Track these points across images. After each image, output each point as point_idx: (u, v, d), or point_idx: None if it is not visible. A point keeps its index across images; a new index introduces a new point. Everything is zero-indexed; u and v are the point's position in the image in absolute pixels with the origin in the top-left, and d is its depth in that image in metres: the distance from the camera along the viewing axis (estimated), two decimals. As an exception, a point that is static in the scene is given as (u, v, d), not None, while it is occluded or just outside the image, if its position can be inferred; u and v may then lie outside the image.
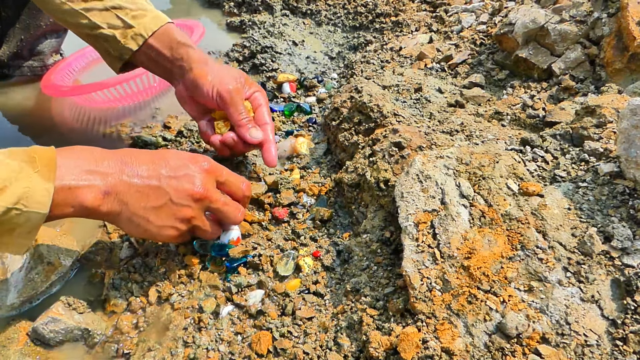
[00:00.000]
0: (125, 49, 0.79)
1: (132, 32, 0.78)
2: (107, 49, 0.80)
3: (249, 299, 0.64)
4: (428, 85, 0.90)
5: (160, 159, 0.62)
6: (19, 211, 0.50)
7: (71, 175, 0.54)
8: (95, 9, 0.77)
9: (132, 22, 0.77)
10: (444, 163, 0.61)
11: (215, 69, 0.79)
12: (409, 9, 1.30)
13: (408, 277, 0.52)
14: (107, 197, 0.57)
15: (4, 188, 0.49)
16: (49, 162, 0.53)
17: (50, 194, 0.52)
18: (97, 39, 0.80)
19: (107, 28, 0.78)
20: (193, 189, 0.62)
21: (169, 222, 0.62)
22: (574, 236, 0.52)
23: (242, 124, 0.78)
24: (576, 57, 0.79)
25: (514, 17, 0.89)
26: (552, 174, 0.61)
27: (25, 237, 0.53)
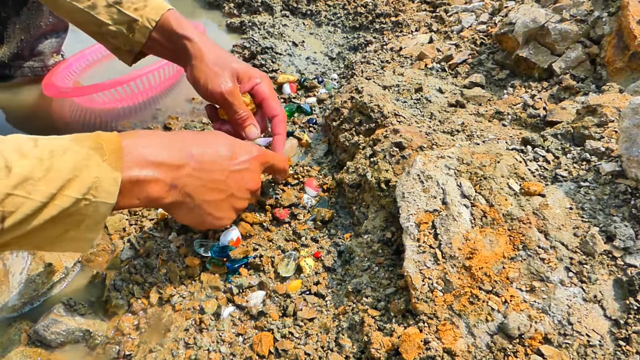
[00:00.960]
0: (135, 42, 0.80)
1: (138, 26, 0.78)
2: (117, 45, 0.81)
3: (250, 300, 0.64)
4: (428, 85, 0.90)
5: (223, 149, 0.63)
6: (88, 201, 0.48)
7: (138, 166, 0.53)
8: (100, 6, 0.77)
9: (135, 15, 0.77)
10: (445, 163, 0.61)
11: (210, 65, 0.77)
12: (409, 9, 1.30)
13: (409, 277, 0.52)
14: (172, 189, 0.57)
15: (74, 178, 0.47)
16: (116, 150, 0.51)
17: (118, 183, 0.50)
18: (105, 37, 0.80)
19: (114, 24, 0.78)
20: (252, 184, 0.66)
21: (227, 213, 0.65)
22: (575, 236, 0.52)
23: (238, 122, 0.78)
24: (577, 57, 0.79)
25: (514, 16, 0.88)
26: (554, 174, 0.61)
27: (92, 229, 0.51)
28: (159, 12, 0.78)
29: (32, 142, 0.48)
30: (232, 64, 0.78)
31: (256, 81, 0.80)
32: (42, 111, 1.13)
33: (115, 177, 0.50)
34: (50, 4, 0.80)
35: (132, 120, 1.07)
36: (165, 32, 0.79)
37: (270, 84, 0.82)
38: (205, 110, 0.85)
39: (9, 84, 1.19)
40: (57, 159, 0.47)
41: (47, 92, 1.05)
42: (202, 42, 0.78)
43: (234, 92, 0.77)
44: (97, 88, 1.00)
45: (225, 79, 0.76)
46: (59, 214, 0.47)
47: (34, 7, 1.10)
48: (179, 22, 0.79)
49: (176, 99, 1.15)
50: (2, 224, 0.44)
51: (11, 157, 0.45)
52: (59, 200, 0.47)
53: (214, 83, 0.76)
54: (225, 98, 0.76)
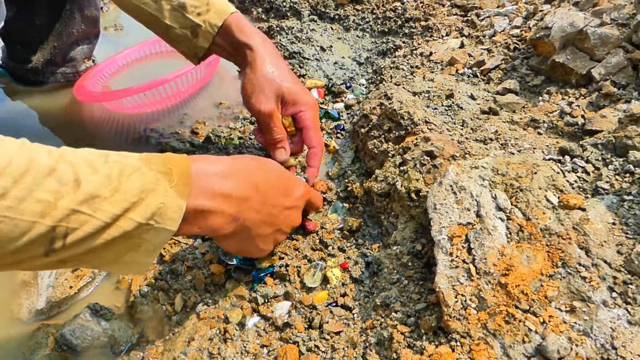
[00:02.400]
0: (199, 48, 0.81)
1: (201, 31, 0.79)
2: (183, 48, 0.82)
3: (275, 311, 0.63)
4: (460, 91, 0.88)
5: (280, 183, 0.63)
6: (150, 227, 0.47)
7: (205, 196, 0.52)
8: (165, 10, 0.78)
9: (197, 20, 0.78)
10: (479, 174, 0.58)
11: (260, 79, 0.76)
12: (439, 13, 1.27)
13: (441, 293, 0.50)
14: (234, 222, 0.56)
15: (140, 201, 0.46)
16: (184, 176, 0.50)
17: (182, 211, 0.49)
18: (173, 40, 0.82)
19: (179, 28, 0.79)
20: (297, 221, 0.67)
21: (269, 246, 0.65)
22: (619, 253, 0.49)
23: (269, 143, 0.79)
24: (618, 62, 0.76)
25: (550, 20, 0.85)
26: (594, 186, 0.58)
27: (150, 254, 0.49)
28: (221, 17, 0.78)
29: (102, 157, 0.47)
30: (283, 83, 0.77)
31: (301, 108, 0.79)
32: (74, 115, 1.14)
33: (181, 205, 0.49)
34: (126, 6, 0.82)
35: (160, 125, 1.08)
36: (227, 38, 0.79)
37: (316, 113, 0.81)
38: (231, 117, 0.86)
39: (42, 89, 1.21)
40: (125, 179, 0.46)
41: (78, 97, 1.06)
42: (261, 52, 0.78)
43: (272, 114, 0.76)
44: (126, 92, 1.00)
45: (268, 98, 0.76)
46: (120, 236, 0.46)
47: (67, 15, 1.12)
48: (240, 28, 0.79)
49: (204, 103, 1.15)
50: (64, 239, 0.43)
51: (82, 171, 0.44)
52: (122, 223, 0.45)
53: (258, 99, 0.76)
54: (263, 117, 0.76)
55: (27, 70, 1.17)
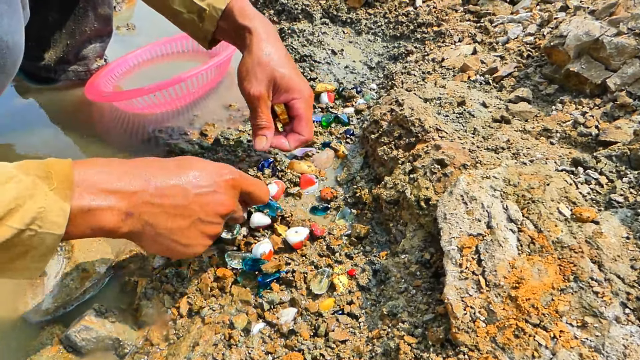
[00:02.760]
0: (206, 31, 0.82)
1: (206, 15, 0.80)
2: (191, 32, 0.85)
3: (280, 317, 0.62)
4: (472, 98, 0.87)
5: (186, 173, 0.58)
6: (33, 232, 0.46)
7: (90, 195, 0.50)
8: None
9: (202, 4, 0.79)
10: (490, 184, 0.58)
11: (254, 62, 0.76)
12: (452, 19, 1.26)
13: (450, 305, 0.49)
14: (129, 218, 0.53)
15: (17, 208, 0.45)
16: (66, 179, 0.49)
17: (66, 214, 0.47)
18: (182, 24, 0.84)
19: (187, 12, 0.81)
20: (222, 208, 0.60)
21: (195, 240, 0.59)
22: (633, 268, 0.48)
23: (254, 128, 0.80)
24: (634, 72, 0.74)
25: (565, 28, 0.84)
26: (608, 199, 0.57)
27: (39, 260, 0.48)
28: (225, 1, 0.79)
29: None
30: (278, 68, 0.77)
31: (293, 96, 0.79)
32: (84, 114, 1.15)
33: (63, 207, 0.47)
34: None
35: (169, 126, 1.08)
36: (230, 21, 0.80)
37: (309, 103, 0.81)
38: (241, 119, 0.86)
39: (54, 87, 1.22)
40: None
41: (89, 96, 1.07)
42: (259, 35, 0.78)
43: (260, 98, 0.77)
44: (136, 93, 1.00)
45: (259, 81, 0.76)
46: (3, 244, 0.45)
47: (79, 13, 1.12)
48: (242, 11, 0.79)
49: (214, 105, 1.15)
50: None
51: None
52: (2, 230, 0.44)
53: (250, 81, 0.76)
54: (251, 100, 0.77)
55: (39, 67, 1.18)
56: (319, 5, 1.51)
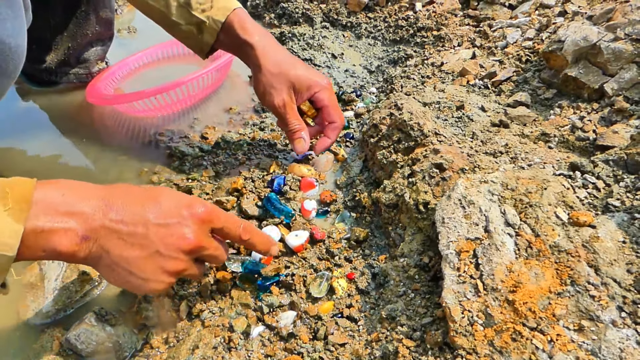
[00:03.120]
0: (204, 44, 0.83)
1: (205, 27, 0.81)
2: (189, 44, 0.85)
3: (280, 320, 0.62)
4: (470, 102, 0.87)
5: (151, 202, 0.54)
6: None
7: (46, 216, 0.48)
8: (172, 6, 0.81)
9: (202, 16, 0.80)
10: (488, 188, 0.58)
11: (267, 76, 0.79)
12: (452, 23, 1.27)
13: (448, 308, 0.49)
14: (85, 242, 0.50)
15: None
16: (23, 200, 0.47)
17: (18, 235, 0.46)
18: (179, 35, 0.85)
19: (185, 24, 0.82)
20: (183, 241, 0.54)
21: (154, 275, 0.54)
22: (629, 272, 0.48)
23: (289, 135, 0.82)
24: (631, 78, 0.75)
25: (563, 34, 0.85)
26: (605, 203, 0.57)
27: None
28: (224, 14, 0.80)
29: None
30: (290, 72, 0.79)
31: (315, 90, 0.82)
32: (85, 117, 1.15)
33: (16, 229, 0.46)
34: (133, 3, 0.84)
35: (170, 129, 1.08)
36: (230, 35, 0.81)
37: (331, 91, 0.84)
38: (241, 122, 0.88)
39: (55, 90, 1.22)
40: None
41: (90, 99, 1.07)
42: (263, 49, 0.80)
43: (285, 106, 0.79)
44: (137, 96, 1.01)
45: (279, 91, 0.79)
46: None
47: (81, 16, 1.13)
48: (242, 25, 0.81)
49: (214, 108, 1.16)
50: None
51: None
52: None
53: (270, 95, 0.79)
54: (278, 111, 0.80)
55: (41, 70, 1.18)
56: (320, 9, 1.52)
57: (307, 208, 0.79)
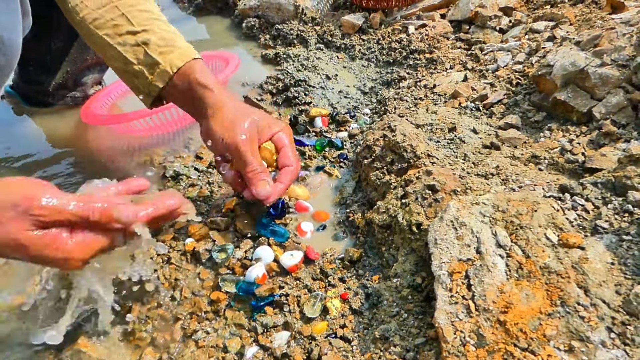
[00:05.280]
0: (153, 86, 0.78)
1: (159, 69, 0.77)
2: (137, 85, 0.80)
3: (274, 341, 0.63)
4: (462, 124, 0.89)
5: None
6: None
7: None
8: (128, 44, 0.77)
9: (159, 58, 0.76)
10: (479, 210, 0.59)
11: (229, 116, 0.74)
12: (444, 46, 1.30)
13: (441, 329, 0.50)
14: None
15: None
16: None
17: None
18: (129, 75, 0.79)
19: (137, 64, 0.77)
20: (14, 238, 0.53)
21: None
22: (618, 294, 0.49)
23: (249, 177, 0.73)
24: (618, 102, 0.77)
25: (552, 58, 0.87)
26: (594, 225, 0.58)
27: None
28: (184, 59, 0.77)
29: None
30: (253, 114, 0.75)
31: (276, 129, 0.77)
32: (79, 137, 1.16)
33: None
34: (86, 36, 0.81)
35: (164, 149, 1.09)
36: (186, 80, 0.77)
37: (290, 134, 0.79)
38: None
39: (50, 110, 1.23)
40: None
41: (85, 120, 1.08)
42: (223, 93, 0.76)
43: (251, 143, 0.73)
44: (132, 116, 1.02)
45: (243, 129, 0.73)
46: None
47: (83, 42, 1.14)
48: (202, 72, 0.77)
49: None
50: None
51: None
52: None
53: (231, 133, 0.72)
54: (239, 150, 0.72)
55: (37, 91, 1.19)
56: (314, 30, 1.55)
57: (303, 229, 0.80)
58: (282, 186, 0.75)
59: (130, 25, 0.77)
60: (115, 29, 0.77)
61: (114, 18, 0.77)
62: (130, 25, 0.77)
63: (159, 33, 0.78)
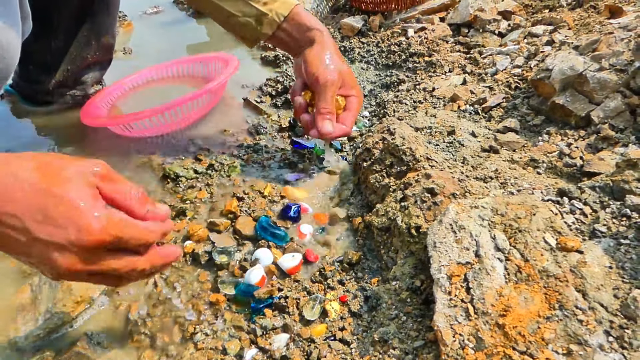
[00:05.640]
0: (262, 34, 0.87)
1: (266, 19, 0.85)
2: (244, 34, 0.89)
3: (273, 343, 0.63)
4: (461, 128, 0.89)
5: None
6: None
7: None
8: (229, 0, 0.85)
9: (264, 8, 0.84)
10: (478, 213, 0.59)
11: (329, 56, 0.83)
12: (443, 50, 1.30)
13: (440, 332, 0.50)
14: None
15: None
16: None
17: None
18: (234, 26, 0.88)
19: (242, 16, 0.85)
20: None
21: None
22: (616, 297, 0.50)
23: (320, 112, 0.83)
24: (616, 106, 0.77)
25: (551, 62, 0.88)
26: (592, 229, 0.59)
27: None
28: (288, 7, 0.85)
29: None
30: (344, 67, 0.85)
31: (353, 92, 0.86)
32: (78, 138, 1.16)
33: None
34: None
35: (163, 150, 1.09)
36: (295, 24, 0.86)
37: (360, 102, 0.88)
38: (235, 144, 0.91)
39: (49, 110, 1.23)
40: None
41: (85, 121, 1.08)
42: (329, 35, 0.86)
43: (334, 85, 0.82)
44: (131, 117, 1.02)
45: (333, 72, 0.82)
46: None
47: (83, 41, 1.14)
48: (308, 17, 0.86)
49: (208, 130, 1.17)
50: None
51: None
52: None
53: (324, 68, 0.82)
54: (324, 85, 0.81)
55: (37, 90, 1.19)
56: (313, 33, 1.55)
57: (303, 231, 0.80)
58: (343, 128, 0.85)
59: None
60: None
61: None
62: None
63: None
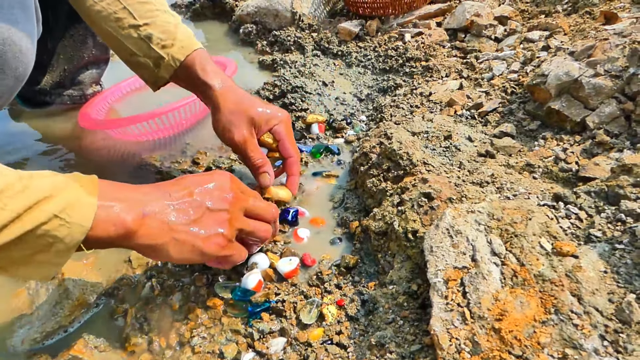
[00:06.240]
0: (159, 78, 0.84)
1: (164, 63, 0.81)
2: (143, 75, 0.86)
3: (270, 347, 0.63)
4: (458, 132, 0.90)
5: (183, 179, 0.64)
6: (63, 221, 0.48)
7: (112, 195, 0.55)
8: (132, 38, 0.81)
9: (162, 52, 0.81)
10: (475, 218, 0.60)
11: (227, 115, 0.80)
12: (440, 55, 1.31)
13: (436, 336, 0.50)
14: (146, 219, 0.56)
15: (51, 196, 0.48)
16: (92, 182, 0.54)
17: (94, 207, 0.51)
18: (135, 65, 0.85)
19: (143, 56, 0.82)
20: (224, 191, 0.63)
21: (212, 229, 0.61)
22: (611, 302, 0.50)
23: (253, 170, 0.81)
24: (611, 112, 0.78)
25: (546, 68, 0.88)
26: (587, 233, 0.59)
27: (62, 255, 0.50)
28: (184, 53, 0.81)
29: (10, 169, 0.49)
30: (249, 109, 0.80)
31: (273, 123, 0.83)
32: (76, 140, 1.16)
33: (92, 201, 0.51)
34: (95, 27, 0.85)
35: (161, 154, 1.09)
36: (188, 75, 0.82)
37: (288, 125, 0.85)
38: None
39: (47, 111, 1.23)
40: (35, 180, 0.49)
41: (82, 124, 1.08)
42: (222, 90, 0.81)
43: (245, 142, 0.79)
44: (129, 121, 1.02)
45: (239, 128, 0.79)
46: (32, 230, 0.47)
47: (79, 39, 1.14)
48: (202, 66, 0.82)
49: (206, 133, 1.17)
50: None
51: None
52: (36, 213, 0.47)
53: (230, 132, 0.79)
54: (238, 147, 0.80)
55: (35, 91, 1.19)
56: (311, 37, 1.56)
57: (300, 235, 0.80)
58: (295, 177, 0.86)
59: (132, 18, 0.81)
60: (119, 22, 0.81)
61: (116, 11, 0.81)
62: (132, 18, 0.81)
63: (161, 26, 0.81)
